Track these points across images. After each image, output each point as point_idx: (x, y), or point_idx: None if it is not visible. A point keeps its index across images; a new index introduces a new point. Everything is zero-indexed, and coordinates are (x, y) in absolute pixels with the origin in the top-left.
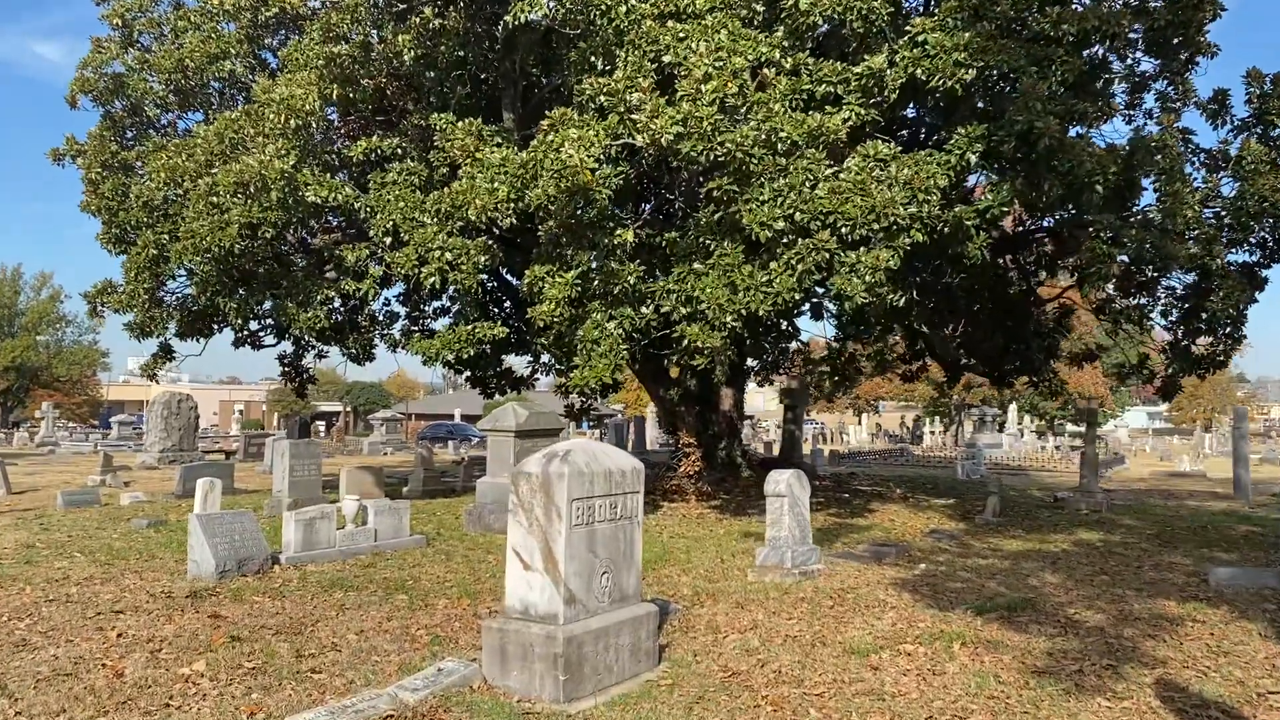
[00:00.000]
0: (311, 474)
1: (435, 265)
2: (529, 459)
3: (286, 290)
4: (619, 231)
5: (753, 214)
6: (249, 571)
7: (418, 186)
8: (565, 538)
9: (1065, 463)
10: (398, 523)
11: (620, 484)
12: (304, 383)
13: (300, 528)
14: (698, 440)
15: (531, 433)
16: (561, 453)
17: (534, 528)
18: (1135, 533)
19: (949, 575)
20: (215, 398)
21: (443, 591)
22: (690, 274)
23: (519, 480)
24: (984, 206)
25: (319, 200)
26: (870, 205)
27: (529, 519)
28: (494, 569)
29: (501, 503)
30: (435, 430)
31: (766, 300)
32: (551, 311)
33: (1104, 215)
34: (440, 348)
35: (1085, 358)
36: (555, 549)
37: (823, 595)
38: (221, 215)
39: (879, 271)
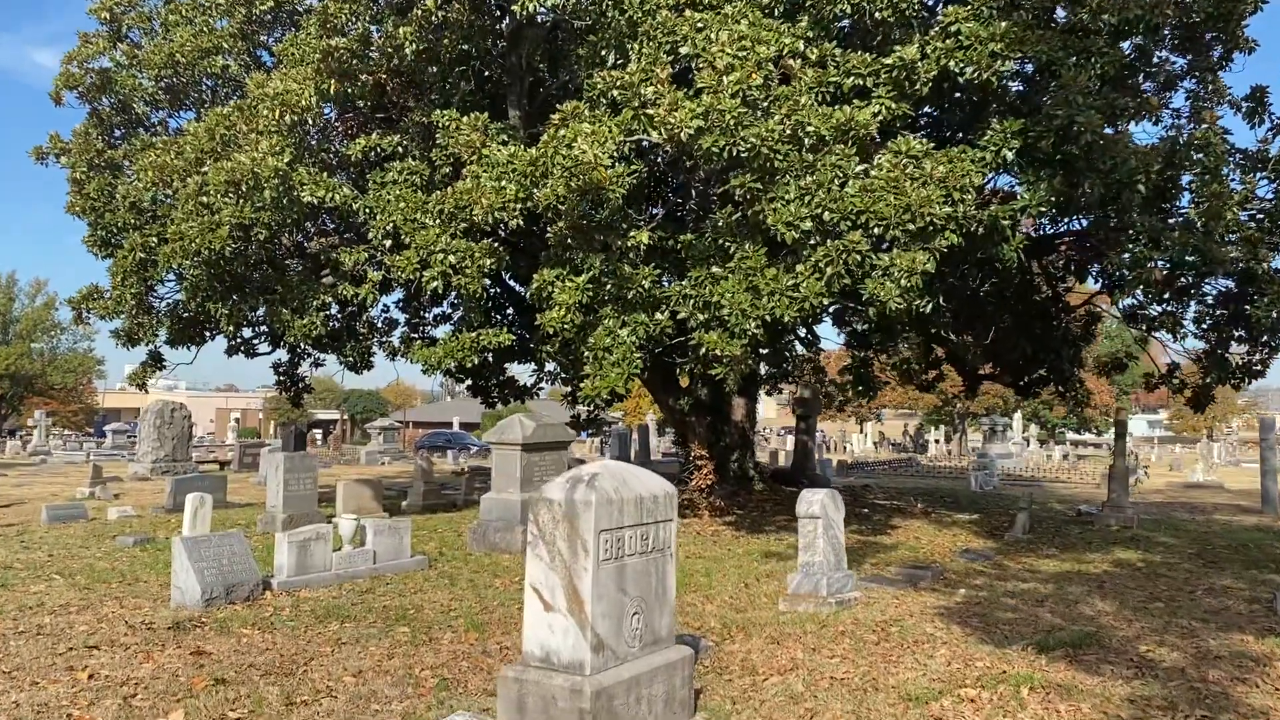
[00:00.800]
0: (307, 488)
1: (438, 269)
2: (551, 484)
3: (281, 296)
4: (632, 233)
5: (778, 213)
6: (238, 599)
7: (419, 186)
8: (592, 575)
9: (1074, 473)
10: (398, 543)
11: (652, 512)
12: (299, 392)
13: (294, 550)
14: (710, 452)
15: (539, 445)
16: (587, 477)
17: (556, 562)
18: (1174, 551)
19: (994, 603)
20: (211, 406)
21: (448, 623)
22: (708, 278)
23: (539, 508)
24: (1020, 206)
25: (315, 200)
26: (905, 204)
27: (550, 552)
28: (501, 596)
29: (507, 520)
30: (433, 439)
31: (792, 306)
32: (561, 318)
33: (1143, 217)
34: (443, 356)
35: (1115, 367)
36: (581, 588)
37: (864, 628)
38: (212, 216)
39: (915, 275)
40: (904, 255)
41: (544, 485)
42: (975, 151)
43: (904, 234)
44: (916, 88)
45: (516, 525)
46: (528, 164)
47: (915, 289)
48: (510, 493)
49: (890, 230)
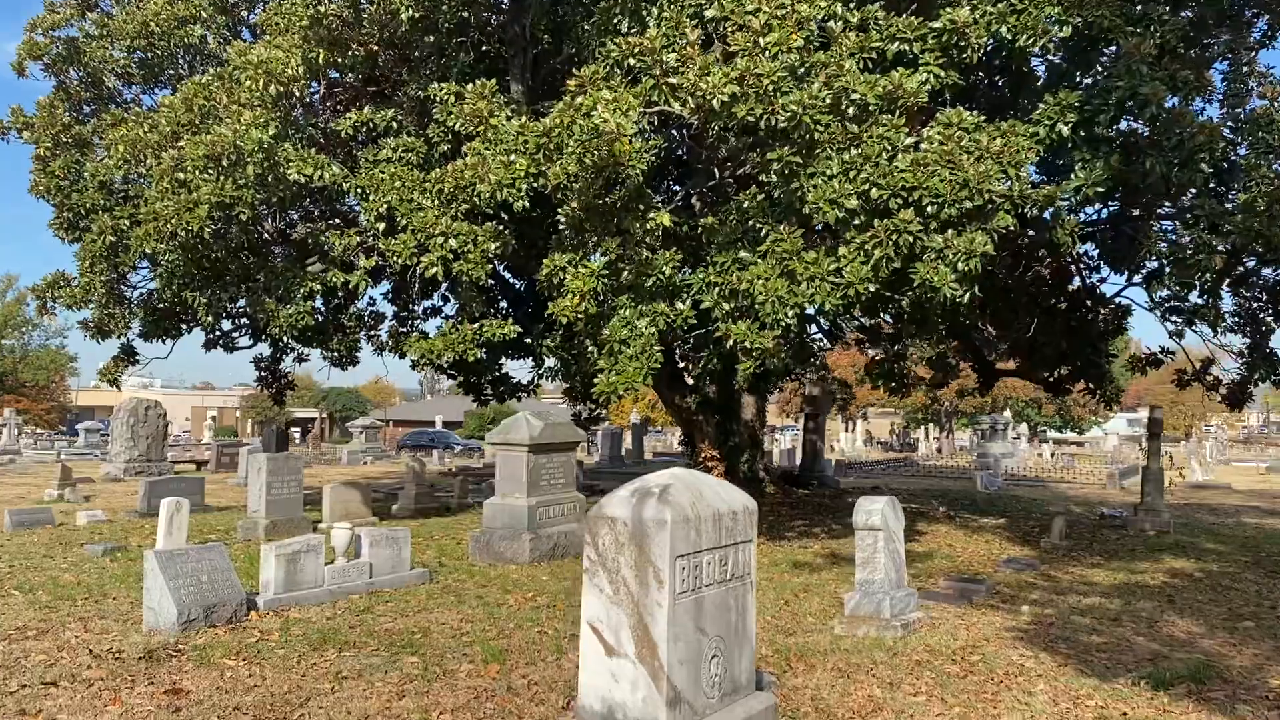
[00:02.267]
0: (291, 491)
1: (438, 253)
2: (613, 498)
3: (265, 283)
4: (652, 215)
5: (819, 190)
6: (219, 621)
7: (416, 165)
8: (668, 612)
9: (1072, 472)
10: (396, 555)
11: (731, 531)
12: (282, 389)
13: (282, 564)
14: (720, 452)
15: (547, 446)
16: (657, 489)
17: (620, 596)
18: (1227, 560)
19: (1067, 622)
20: (187, 404)
21: (461, 650)
22: (734, 264)
23: (598, 528)
24: (1076, 185)
25: (303, 178)
26: (961, 179)
27: (613, 583)
28: (517, 616)
29: (513, 528)
30: (416, 438)
31: (835, 293)
32: (575, 306)
33: (1204, 199)
34: (442, 349)
35: (1150, 362)
36: (653, 628)
37: (941, 657)
38: (190, 194)
39: (974, 258)
40: (962, 236)
41: (603, 501)
42: (1028, 127)
43: (959, 213)
44: (966, 55)
45: (524, 533)
46: (540, 136)
47: (974, 273)
48: (516, 498)
49: (945, 209)
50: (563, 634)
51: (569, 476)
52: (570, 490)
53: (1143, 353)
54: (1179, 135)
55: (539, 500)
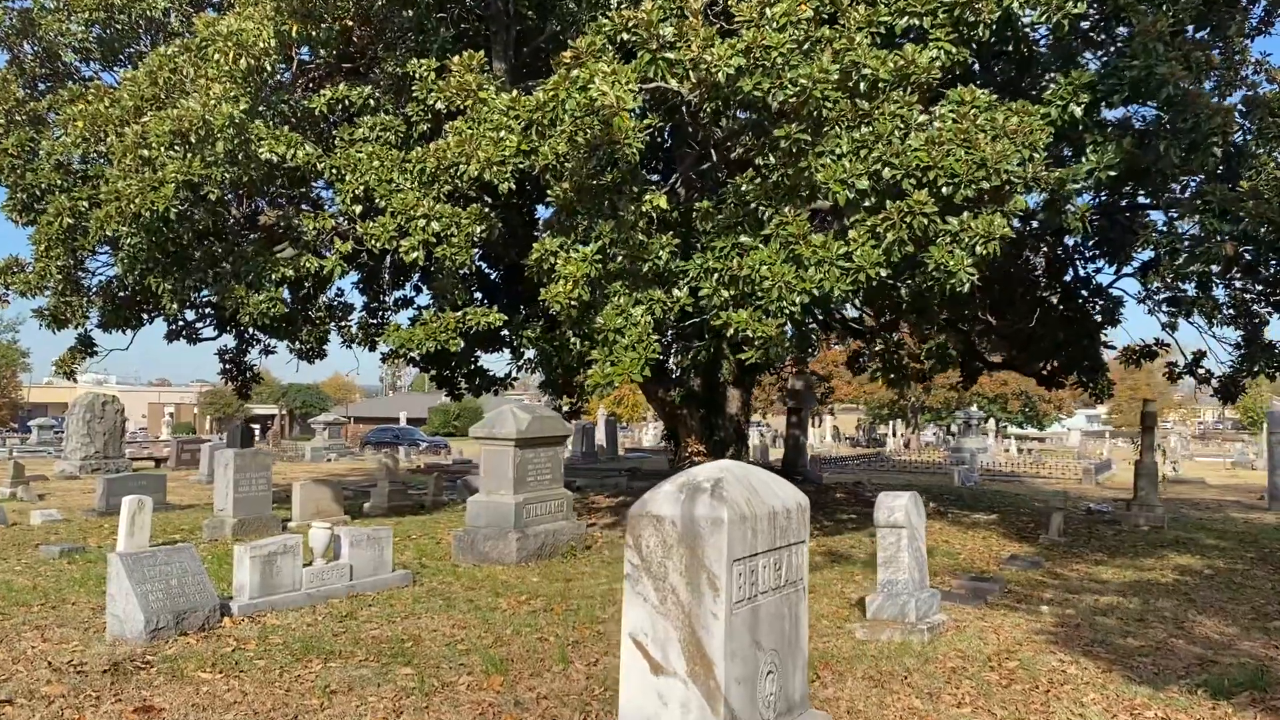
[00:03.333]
0: (260, 489)
1: (419, 237)
2: (657, 494)
3: (234, 268)
4: (647, 197)
5: (829, 169)
6: (190, 628)
7: (394, 144)
8: (725, 624)
9: (1042, 467)
10: (378, 556)
11: (785, 531)
12: (247, 382)
13: (258, 567)
14: (707, 447)
15: (534, 440)
16: (708, 483)
17: (668, 605)
18: (1231, 556)
19: (1093, 623)
20: (144, 400)
21: (458, 660)
22: (734, 249)
23: (641, 528)
24: (1088, 169)
25: (275, 157)
26: (979, 159)
27: (659, 591)
28: (514, 621)
29: (499, 527)
30: (380, 435)
31: (845, 278)
32: (569, 293)
33: (1214, 185)
34: (423, 338)
35: (1145, 355)
36: (708, 642)
37: (976, 664)
38: (154, 172)
39: (993, 241)
40: (980, 218)
41: (646, 497)
42: (1039, 107)
43: (975, 194)
44: (977, 30)
45: (510, 532)
46: (533, 110)
47: (992, 257)
48: (502, 495)
49: (961, 190)
50: (565, 640)
51: (556, 472)
52: (558, 486)
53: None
54: (1194, 118)
55: (526, 497)
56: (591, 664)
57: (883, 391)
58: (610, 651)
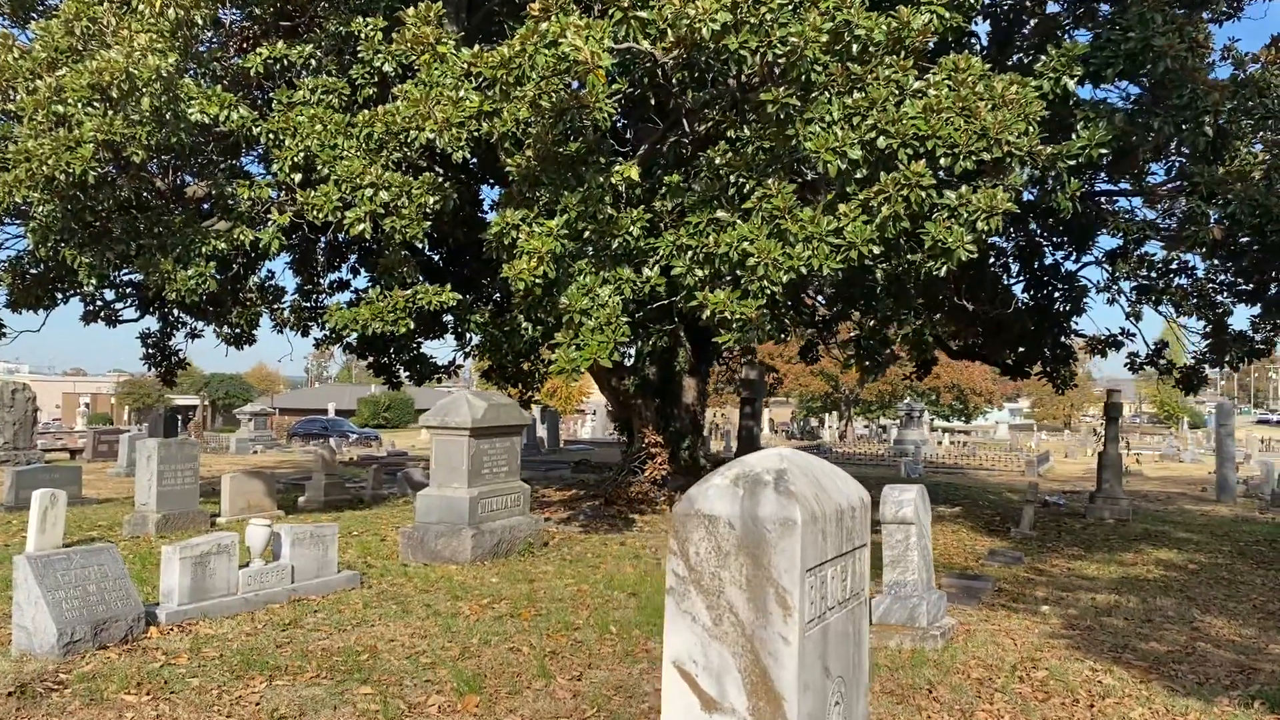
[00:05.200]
0: (186, 482)
1: (365, 208)
2: (706, 488)
3: (160, 241)
4: (618, 167)
5: (819, 138)
6: (111, 640)
7: (338, 108)
8: (798, 649)
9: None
10: (322, 556)
11: (851, 532)
12: (172, 368)
13: (189, 570)
14: (665, 439)
15: (490, 430)
16: (769, 474)
17: (726, 626)
18: (1207, 549)
19: (1104, 625)
20: (58, 390)
21: (424, 676)
22: (710, 224)
23: (689, 530)
24: (1080, 145)
25: (206, 119)
26: (979, 128)
27: (714, 609)
28: (478, 629)
29: (452, 523)
30: (308, 426)
31: (834, 255)
32: (533, 269)
33: (1202, 166)
34: (369, 318)
35: (1111, 344)
36: (776, 673)
37: (1002, 674)
38: (70, 131)
39: (995, 216)
40: (980, 192)
41: (693, 493)
42: (1030, 80)
43: (975, 166)
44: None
45: (464, 529)
46: (496, 67)
47: (993, 232)
48: (455, 488)
49: (960, 161)
50: (540, 651)
51: (513, 464)
52: (514, 480)
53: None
54: (1188, 94)
55: (481, 491)
56: (574, 678)
57: (817, 383)
58: (594, 663)
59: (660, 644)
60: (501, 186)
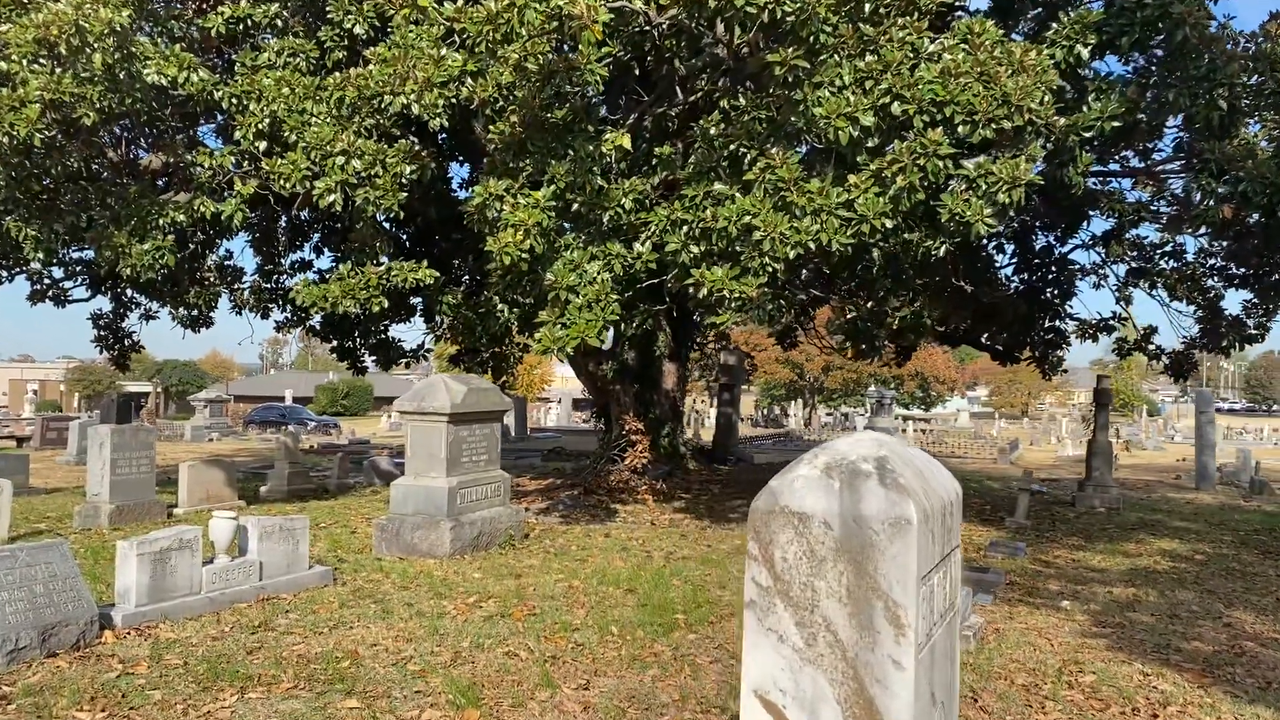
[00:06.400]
0: (142, 471)
1: (336, 177)
2: (790, 481)
3: (115, 212)
4: (609, 135)
5: (830, 104)
6: (61, 646)
7: (306, 71)
8: (913, 675)
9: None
10: (292, 550)
11: (951, 532)
12: (125, 351)
13: (147, 567)
14: (647, 426)
15: (469, 416)
16: (869, 463)
17: (820, 647)
18: (1208, 539)
19: (1134, 622)
20: (3, 376)
21: (412, 685)
22: (706, 197)
23: (774, 531)
24: (1093, 117)
25: (164, 81)
26: (1000, 94)
27: (805, 626)
28: (467, 630)
29: (429, 515)
30: (265, 414)
31: (844, 230)
32: (519, 243)
33: (1212, 142)
34: (340, 296)
35: (1102, 329)
36: (886, 703)
37: (1047, 679)
38: (14, 91)
39: (1018, 188)
40: (999, 162)
41: (775, 486)
42: (1042, 47)
43: (995, 134)
44: None
45: (443, 520)
46: (482, 22)
47: (1016, 205)
48: (433, 478)
49: (979, 129)
50: (540, 656)
51: (493, 452)
52: (494, 468)
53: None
54: (1205, 65)
55: (460, 480)
56: (581, 687)
57: (783, 371)
58: (600, 670)
59: (667, 646)
60: (472, 162)
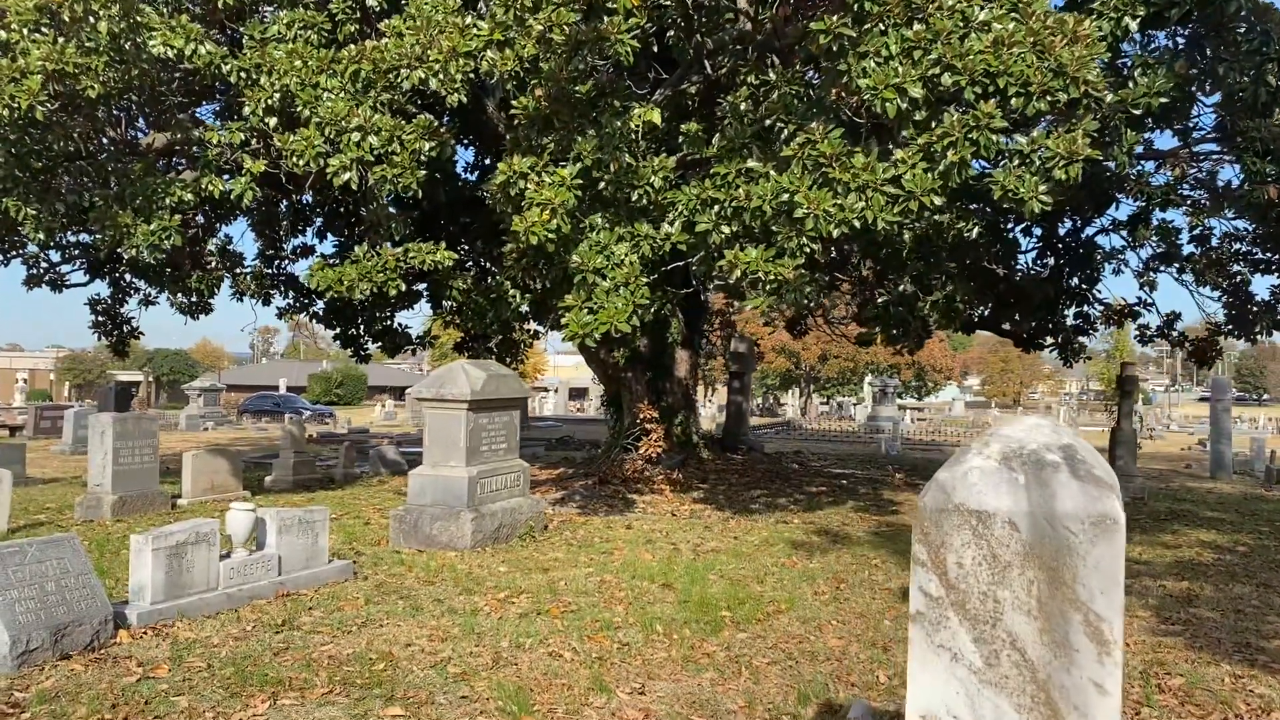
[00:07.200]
0: (145, 460)
1: (352, 154)
2: (963, 473)
3: (118, 190)
4: (637, 110)
5: (877, 74)
6: (75, 648)
7: (319, 44)
8: (1119, 701)
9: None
10: (312, 544)
11: None
12: (124, 337)
13: (163, 562)
14: (660, 415)
15: (489, 403)
16: (1055, 453)
17: (1004, 667)
18: (1246, 530)
19: (1200, 619)
20: None
21: (457, 690)
22: (739, 175)
23: (946, 530)
24: (1140, 95)
25: (170, 54)
26: (1055, 65)
27: (984, 643)
28: (504, 628)
29: (449, 506)
30: (259, 403)
31: (891, 207)
32: (546, 222)
33: (1257, 121)
34: (356, 278)
35: (1127, 314)
36: None
37: (1135, 680)
38: (15, 61)
39: (1075, 164)
40: (1056, 137)
41: (943, 479)
42: (1089, 19)
43: (1049, 107)
44: None
45: (463, 511)
46: None
47: (1072, 182)
48: (453, 467)
49: (1033, 102)
50: (586, 656)
51: (512, 440)
52: (513, 458)
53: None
54: (1259, 36)
55: (480, 470)
56: (636, 692)
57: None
58: (652, 672)
59: (718, 646)
60: (481, 144)
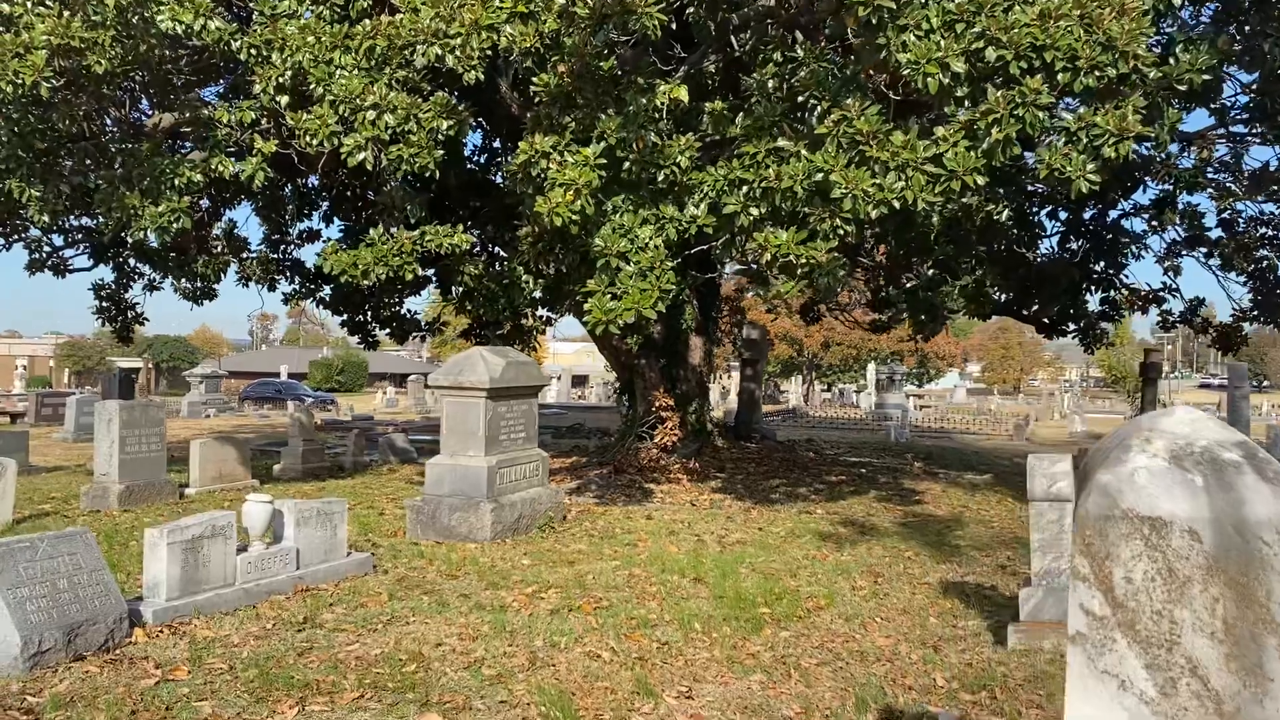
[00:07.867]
0: (153, 449)
1: (367, 133)
2: (1129, 472)
3: (125, 171)
4: (663, 87)
5: (918, 48)
6: (89, 648)
7: (331, 20)
8: None
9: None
10: (330, 537)
11: None
12: (129, 323)
13: (178, 557)
14: (675, 402)
15: (507, 391)
16: (1233, 450)
17: (1182, 697)
18: None
19: None
20: None
21: (495, 695)
22: (769, 154)
23: (1110, 537)
24: (1183, 70)
25: (179, 29)
26: (1103, 38)
27: (1158, 668)
28: (535, 626)
29: (468, 496)
30: (261, 389)
31: (932, 187)
32: (569, 204)
33: None
34: (371, 262)
35: (1151, 300)
36: None
37: None
38: (19, 36)
39: (1125, 141)
40: (1104, 113)
41: (1106, 482)
42: None
43: (1097, 83)
44: None
45: (483, 502)
46: None
47: (1120, 160)
48: (471, 456)
49: (1080, 77)
50: (626, 657)
51: (531, 429)
52: (532, 447)
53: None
54: None
55: (499, 459)
56: (684, 695)
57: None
58: (697, 674)
59: (762, 646)
60: (493, 125)
